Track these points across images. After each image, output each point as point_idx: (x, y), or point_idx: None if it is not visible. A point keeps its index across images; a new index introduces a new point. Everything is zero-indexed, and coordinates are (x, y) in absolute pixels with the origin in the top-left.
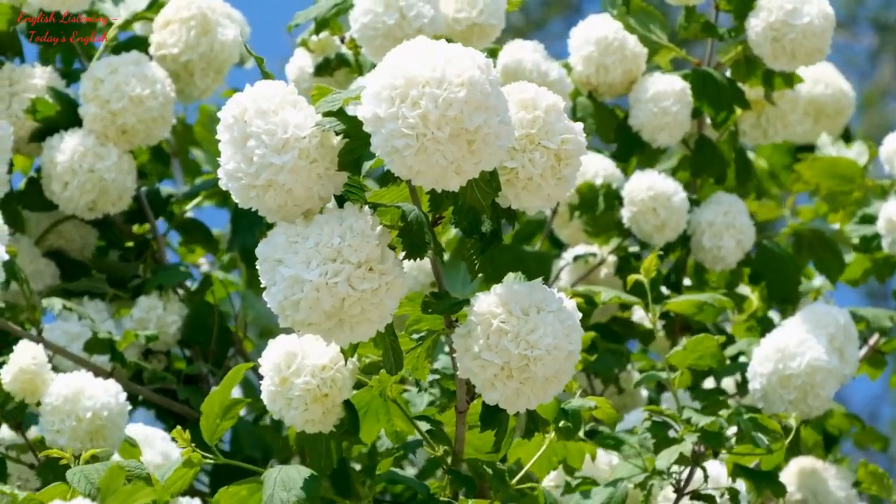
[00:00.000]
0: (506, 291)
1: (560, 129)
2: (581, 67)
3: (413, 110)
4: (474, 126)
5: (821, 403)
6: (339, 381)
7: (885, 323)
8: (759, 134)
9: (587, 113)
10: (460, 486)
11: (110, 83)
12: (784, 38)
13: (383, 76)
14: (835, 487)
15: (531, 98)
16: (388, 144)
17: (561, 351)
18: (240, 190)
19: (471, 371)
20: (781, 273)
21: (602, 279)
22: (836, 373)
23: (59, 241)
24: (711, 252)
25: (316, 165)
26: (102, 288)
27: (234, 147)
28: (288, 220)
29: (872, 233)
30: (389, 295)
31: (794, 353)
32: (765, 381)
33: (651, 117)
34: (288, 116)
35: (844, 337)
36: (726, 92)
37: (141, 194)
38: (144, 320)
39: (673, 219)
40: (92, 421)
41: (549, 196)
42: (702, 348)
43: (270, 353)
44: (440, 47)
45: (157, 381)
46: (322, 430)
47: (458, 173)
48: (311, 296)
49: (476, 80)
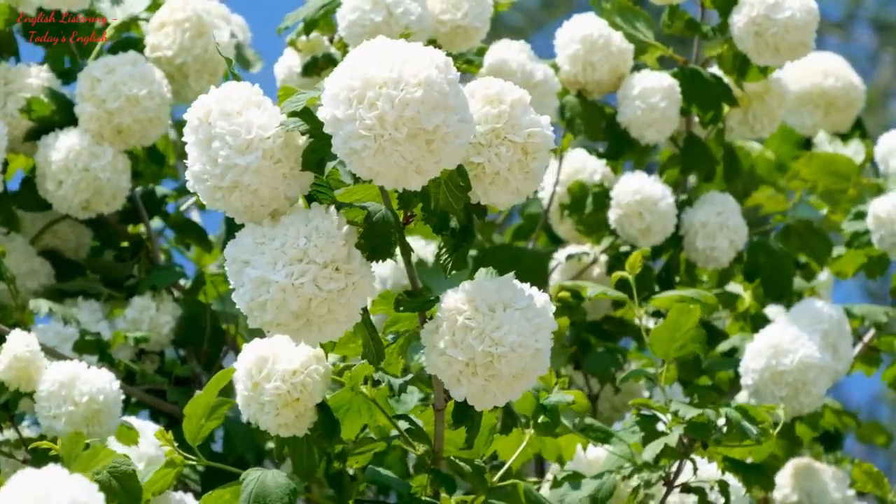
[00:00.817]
0: (473, 288)
1: (526, 123)
2: (568, 66)
3: (370, 111)
4: (432, 125)
5: (812, 400)
6: (309, 386)
7: (880, 318)
8: (746, 130)
9: (575, 112)
10: (440, 485)
11: (107, 83)
12: (766, 32)
13: (342, 77)
14: (831, 488)
15: (496, 93)
16: (347, 146)
17: (527, 349)
18: (206, 191)
19: (437, 367)
20: (775, 270)
21: (594, 278)
22: (829, 370)
23: (55, 240)
24: (705, 253)
25: (281, 165)
26: (97, 288)
27: (200, 149)
28: (255, 220)
29: (864, 228)
30: (356, 294)
31: (786, 349)
32: (757, 376)
33: (639, 114)
34: (252, 117)
35: (838, 333)
36: (714, 89)
37: (136, 194)
38: (138, 321)
39: (658, 223)
40: (88, 405)
41: (518, 190)
42: (682, 330)
43: (243, 358)
44: (398, 47)
45: (149, 382)
46: (296, 433)
47: (418, 173)
48: (277, 297)
49: (433, 80)
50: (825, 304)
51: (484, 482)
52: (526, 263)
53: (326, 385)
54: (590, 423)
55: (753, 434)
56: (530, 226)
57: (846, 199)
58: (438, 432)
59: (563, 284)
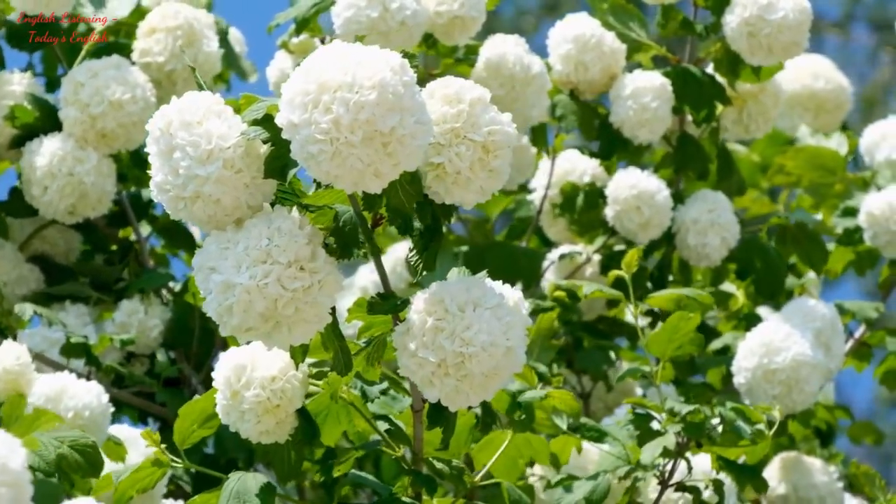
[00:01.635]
0: (443, 288)
1: (486, 122)
2: (560, 66)
3: (325, 115)
4: (388, 128)
5: (805, 398)
6: (289, 392)
7: (870, 314)
8: (740, 129)
9: (568, 111)
10: (421, 486)
11: (90, 87)
12: (760, 33)
13: (297, 82)
14: (819, 481)
15: (454, 92)
16: (304, 150)
17: (497, 348)
18: (169, 202)
19: (409, 369)
20: (768, 267)
21: (588, 277)
22: (821, 368)
23: (44, 245)
24: (696, 250)
25: (242, 175)
26: (85, 292)
27: (162, 159)
28: (219, 229)
29: (855, 225)
30: (323, 293)
31: (779, 347)
32: (749, 375)
33: (631, 114)
34: (212, 127)
35: (831, 332)
36: (707, 89)
37: (123, 198)
38: (126, 325)
39: (657, 217)
40: (74, 420)
41: (482, 189)
42: (680, 333)
43: (221, 367)
44: (354, 51)
45: (137, 384)
46: (277, 440)
47: (377, 176)
48: (242, 298)
49: (387, 82)
50: (817, 302)
51: (463, 483)
52: (520, 262)
53: (305, 390)
54: (584, 423)
55: (748, 434)
56: (521, 228)
57: (832, 194)
58: (417, 434)
59: (559, 283)
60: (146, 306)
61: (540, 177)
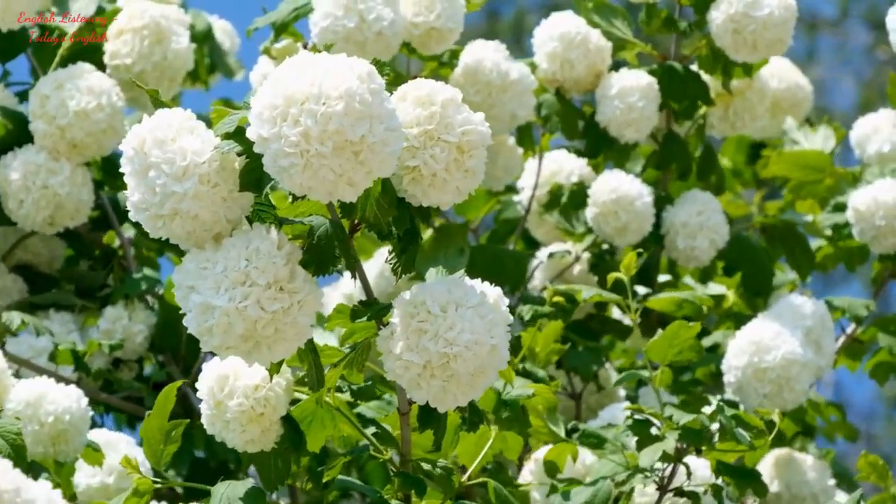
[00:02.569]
0: (424, 290)
1: (459, 122)
2: (546, 64)
3: (294, 128)
4: (357, 136)
5: (795, 396)
6: (272, 400)
7: (860, 312)
8: (727, 126)
9: (552, 111)
10: (409, 488)
11: (56, 99)
12: (745, 29)
13: (265, 96)
14: (811, 478)
15: (426, 94)
16: (276, 164)
17: (482, 346)
18: (147, 220)
19: (395, 373)
20: (755, 265)
21: (576, 276)
22: (811, 366)
23: (27, 255)
24: (685, 252)
25: (219, 189)
26: (69, 300)
27: (137, 178)
28: (199, 245)
29: (843, 221)
30: (302, 312)
31: (768, 346)
32: (739, 373)
33: (618, 113)
34: (185, 143)
35: (821, 329)
36: (691, 87)
37: (105, 201)
38: (111, 331)
39: (635, 222)
40: (54, 425)
41: (459, 189)
42: (680, 339)
43: (204, 376)
44: (320, 61)
45: (126, 389)
46: (263, 448)
47: (350, 185)
48: (222, 321)
49: (354, 91)
50: (807, 299)
51: (451, 484)
52: (506, 265)
53: (290, 397)
54: (582, 429)
55: (748, 441)
56: (505, 230)
57: (820, 191)
58: (405, 436)
59: (557, 288)
60: (130, 312)
61: (527, 177)
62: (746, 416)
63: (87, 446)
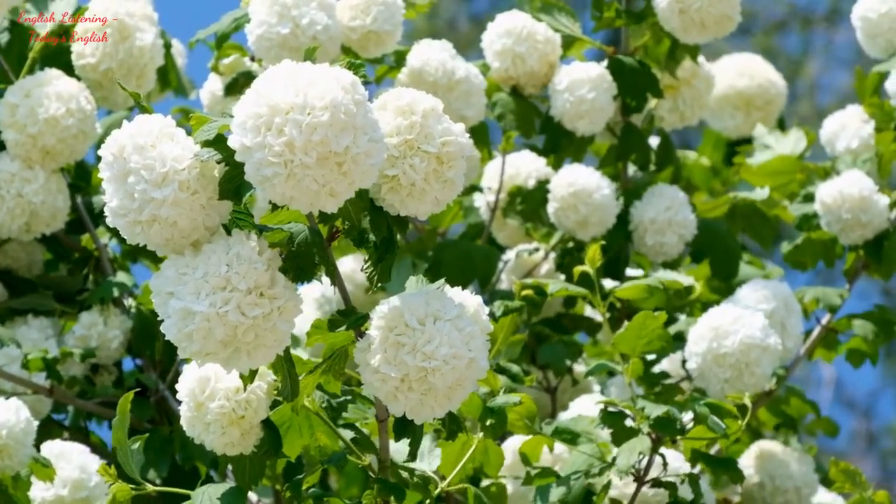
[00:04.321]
0: (402, 302)
1: (439, 132)
2: (497, 63)
3: (278, 138)
4: (342, 147)
5: (756, 381)
6: (254, 403)
7: (834, 300)
8: (676, 118)
9: (507, 109)
10: (388, 494)
11: (24, 107)
12: (690, 8)
13: (248, 105)
14: (794, 471)
15: (407, 104)
16: (259, 174)
17: (460, 360)
18: (126, 226)
19: (373, 385)
20: (722, 250)
21: (544, 275)
22: (773, 349)
23: (6, 260)
24: (654, 248)
25: (198, 196)
26: (48, 305)
27: (116, 184)
28: (177, 252)
29: (812, 211)
30: (282, 319)
31: (727, 331)
32: (700, 360)
33: (568, 106)
34: (165, 150)
35: (785, 310)
36: (641, 79)
37: (80, 205)
38: (86, 337)
39: (595, 214)
40: None
41: (437, 200)
42: (648, 330)
43: (185, 379)
44: (304, 71)
45: (103, 395)
46: (243, 451)
47: (332, 195)
48: (202, 326)
49: (339, 102)
50: (769, 282)
51: (428, 491)
52: (475, 260)
53: (270, 400)
54: (556, 425)
55: (721, 430)
56: (472, 232)
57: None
58: (383, 442)
59: (525, 282)
60: (105, 318)
61: (487, 179)
62: (719, 402)
63: (37, 462)
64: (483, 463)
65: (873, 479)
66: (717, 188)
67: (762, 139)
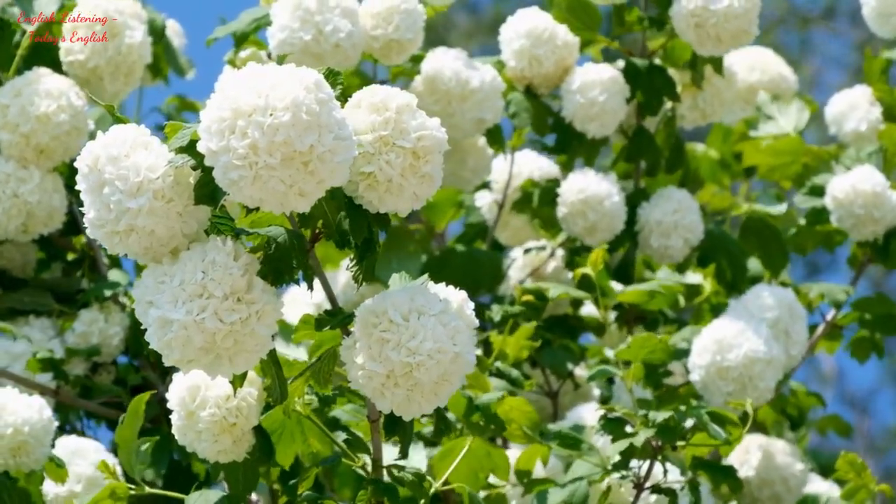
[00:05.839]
0: (386, 298)
1: (414, 128)
2: (514, 62)
3: (242, 140)
4: (306, 147)
5: (759, 394)
6: (245, 410)
7: (839, 297)
8: (697, 115)
9: (521, 108)
10: (382, 495)
11: (16, 107)
12: (706, 23)
13: (213, 109)
14: (785, 464)
15: (381, 100)
16: (226, 177)
17: (445, 354)
18: (104, 237)
19: (359, 382)
20: (729, 258)
21: (551, 272)
22: (777, 362)
23: (1, 261)
24: (659, 251)
25: (174, 204)
26: (48, 305)
27: (93, 195)
28: (157, 260)
29: (821, 205)
30: (261, 323)
31: (731, 344)
32: (703, 372)
33: (579, 108)
34: (139, 159)
35: (790, 317)
36: (657, 82)
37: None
38: (87, 334)
39: (604, 221)
40: (13, 437)
41: (416, 195)
42: (649, 346)
43: (175, 387)
44: (268, 72)
45: (104, 394)
46: (235, 458)
47: (301, 195)
48: (180, 334)
49: (300, 102)
50: (773, 289)
51: (423, 490)
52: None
53: (261, 406)
54: (557, 431)
55: (722, 437)
56: (471, 232)
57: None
58: (376, 443)
59: (526, 287)
60: (106, 315)
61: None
62: (720, 410)
63: (50, 460)
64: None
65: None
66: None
67: (765, 108)
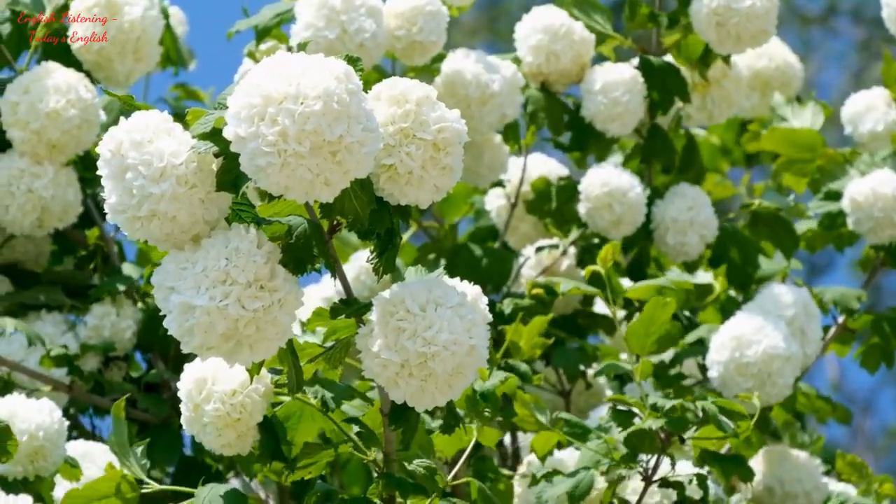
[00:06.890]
0: (404, 289)
1: (434, 119)
2: (531, 58)
3: (272, 127)
4: (335, 136)
5: (779, 391)
6: (249, 406)
7: (852, 304)
8: (704, 116)
9: (538, 106)
10: (393, 489)
11: (25, 104)
12: (728, 22)
13: (242, 95)
14: (804, 475)
15: (400, 93)
16: (253, 164)
17: (460, 346)
18: (126, 223)
19: (373, 371)
20: (741, 256)
21: (564, 270)
22: (795, 359)
23: (14, 254)
24: (675, 248)
25: (196, 190)
26: (60, 300)
27: (115, 181)
28: (177, 247)
29: (837, 209)
30: (283, 311)
31: (750, 340)
32: (722, 368)
33: (602, 108)
34: (162, 145)
35: (805, 316)
36: (670, 81)
37: (87, 199)
38: (99, 327)
39: (629, 214)
40: (29, 443)
41: (437, 187)
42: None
43: (184, 379)
44: (298, 61)
45: (117, 391)
46: (240, 452)
47: (327, 185)
48: (203, 320)
49: (332, 91)
50: (789, 287)
51: (435, 483)
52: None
53: (268, 403)
54: (566, 419)
55: (730, 429)
56: (481, 234)
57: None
58: (388, 436)
59: (536, 281)
60: (118, 308)
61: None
62: (728, 402)
63: (65, 461)
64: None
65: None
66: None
67: (779, 109)
